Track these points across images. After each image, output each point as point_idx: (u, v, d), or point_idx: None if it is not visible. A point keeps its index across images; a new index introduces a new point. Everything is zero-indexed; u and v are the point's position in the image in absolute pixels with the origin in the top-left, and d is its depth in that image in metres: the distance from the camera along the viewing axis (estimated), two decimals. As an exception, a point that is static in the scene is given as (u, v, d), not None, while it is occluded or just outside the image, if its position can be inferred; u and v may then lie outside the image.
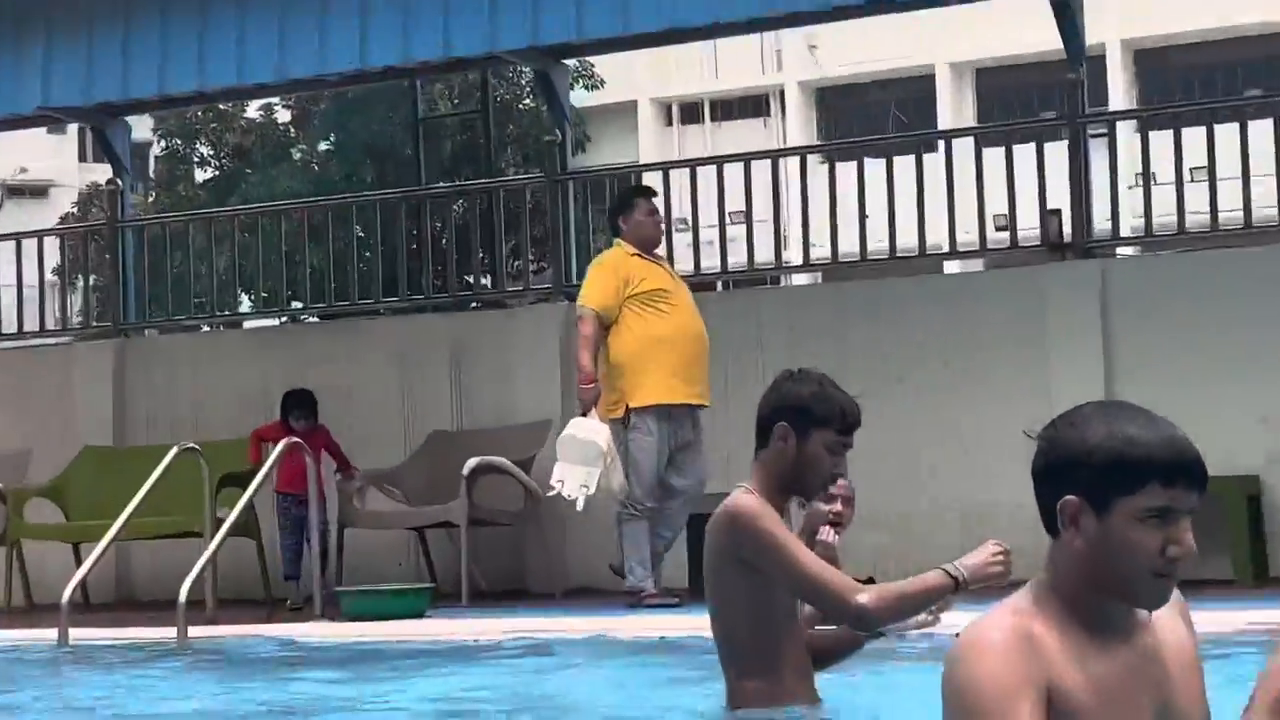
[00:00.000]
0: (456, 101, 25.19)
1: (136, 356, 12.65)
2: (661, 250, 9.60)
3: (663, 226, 9.62)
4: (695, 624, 7.51)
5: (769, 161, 11.93)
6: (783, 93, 37.06)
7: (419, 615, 9.09)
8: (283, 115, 30.64)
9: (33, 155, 52.11)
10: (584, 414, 8.88)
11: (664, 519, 9.09)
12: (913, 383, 9.99)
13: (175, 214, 20.79)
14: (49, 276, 14.04)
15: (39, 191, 54.57)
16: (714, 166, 11.58)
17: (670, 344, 8.94)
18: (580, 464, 8.72)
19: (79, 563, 10.66)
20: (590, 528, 10.18)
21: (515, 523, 10.70)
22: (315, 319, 15.06)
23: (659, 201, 9.92)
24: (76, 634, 8.65)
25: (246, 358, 12.47)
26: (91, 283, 14.22)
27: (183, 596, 8.29)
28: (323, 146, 29.78)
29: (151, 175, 33.92)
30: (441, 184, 16.82)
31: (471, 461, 10.11)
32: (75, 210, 34.70)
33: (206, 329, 14.33)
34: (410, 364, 11.73)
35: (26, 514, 11.29)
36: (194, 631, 8.43)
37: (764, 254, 11.87)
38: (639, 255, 9.13)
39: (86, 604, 10.36)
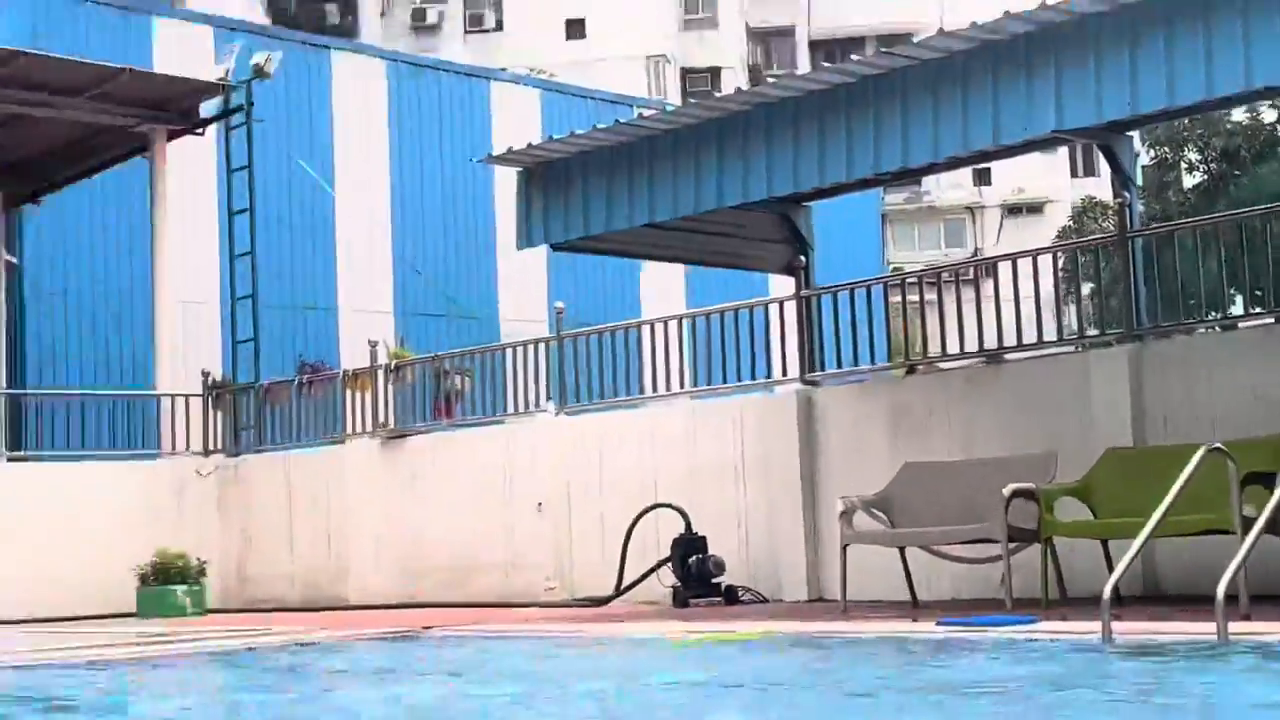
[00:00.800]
0: None
1: (1151, 361, 12.36)
2: None
3: None
4: None
5: None
6: None
7: None
8: (1269, 115, 29.61)
9: (1027, 176, 53.63)
10: None
11: None
12: None
13: (1178, 222, 20.33)
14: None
15: (1035, 209, 56.20)
16: None
17: None
18: None
19: (1107, 558, 10.69)
20: None
21: None
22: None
23: None
24: (1117, 628, 8.52)
25: (1259, 358, 11.86)
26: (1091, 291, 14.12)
27: (1220, 594, 7.94)
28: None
29: (1139, 184, 33.98)
30: None
31: None
32: (1070, 224, 35.11)
33: (1202, 330, 13.91)
34: None
35: (1056, 512, 11.28)
36: (1231, 628, 8.06)
37: None
38: None
39: (1117, 598, 10.29)
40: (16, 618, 16.56)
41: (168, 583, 17.36)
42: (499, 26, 49.59)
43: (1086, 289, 19.93)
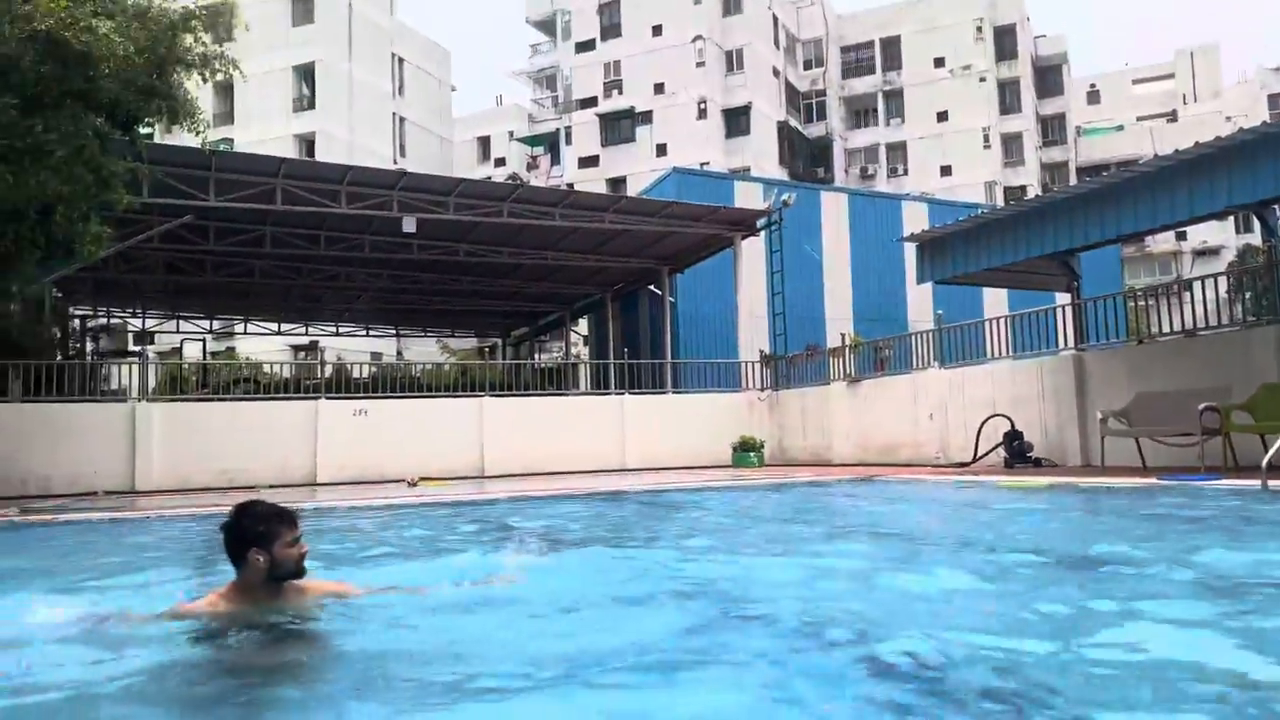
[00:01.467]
0: None
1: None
2: None
3: None
4: None
5: None
6: None
7: None
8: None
9: (1206, 230, 46.86)
10: None
11: None
12: None
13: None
14: None
15: (1213, 251, 47.89)
16: None
17: None
18: None
19: (1264, 444, 9.44)
20: None
21: None
22: None
23: None
24: (1271, 483, 7.61)
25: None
26: (1251, 296, 12.16)
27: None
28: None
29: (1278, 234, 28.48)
30: None
31: None
32: (1236, 259, 30.19)
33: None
34: None
35: (1231, 419, 10.02)
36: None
37: None
38: None
39: (1270, 467, 8.98)
40: (674, 465, 17.65)
41: (746, 450, 17.82)
42: (905, 173, 47.97)
43: (1248, 295, 17.37)
